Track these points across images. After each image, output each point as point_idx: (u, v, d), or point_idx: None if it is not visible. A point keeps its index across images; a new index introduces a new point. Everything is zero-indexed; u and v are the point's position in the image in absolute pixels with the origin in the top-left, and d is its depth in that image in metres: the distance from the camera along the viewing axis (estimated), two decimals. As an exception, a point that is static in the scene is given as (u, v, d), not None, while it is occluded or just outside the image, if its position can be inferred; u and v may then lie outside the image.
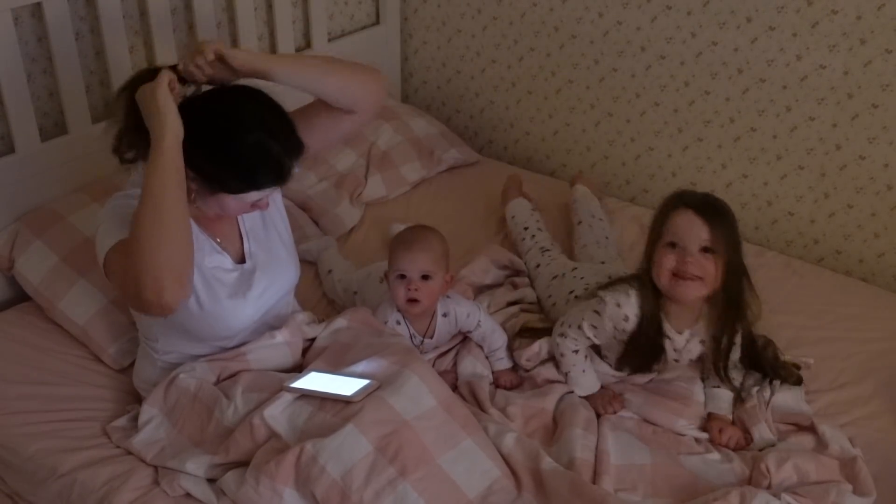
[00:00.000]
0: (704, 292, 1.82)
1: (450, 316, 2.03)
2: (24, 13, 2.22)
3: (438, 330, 2.04)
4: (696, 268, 1.78)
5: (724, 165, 2.74)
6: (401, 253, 1.96)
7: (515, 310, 2.23)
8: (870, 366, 2.14)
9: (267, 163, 1.67)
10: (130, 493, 1.73)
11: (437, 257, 1.97)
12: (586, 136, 2.99)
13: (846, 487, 1.76)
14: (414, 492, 1.62)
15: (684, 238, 1.79)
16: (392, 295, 1.98)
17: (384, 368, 1.79)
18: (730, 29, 2.55)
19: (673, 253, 1.81)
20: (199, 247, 1.77)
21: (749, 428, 1.93)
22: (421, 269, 1.94)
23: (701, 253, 1.79)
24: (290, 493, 1.63)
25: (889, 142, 2.44)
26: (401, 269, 1.95)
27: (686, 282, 1.80)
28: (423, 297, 1.95)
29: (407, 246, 1.96)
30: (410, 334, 2.02)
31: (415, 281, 1.94)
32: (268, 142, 1.66)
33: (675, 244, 1.81)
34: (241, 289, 1.84)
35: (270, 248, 1.91)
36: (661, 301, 1.87)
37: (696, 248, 1.79)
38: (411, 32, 3.24)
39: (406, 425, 1.69)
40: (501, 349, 2.08)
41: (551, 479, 1.70)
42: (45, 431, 1.88)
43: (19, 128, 2.24)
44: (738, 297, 1.86)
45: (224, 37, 2.69)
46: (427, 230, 2.04)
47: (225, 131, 1.66)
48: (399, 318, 2.01)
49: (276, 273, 1.90)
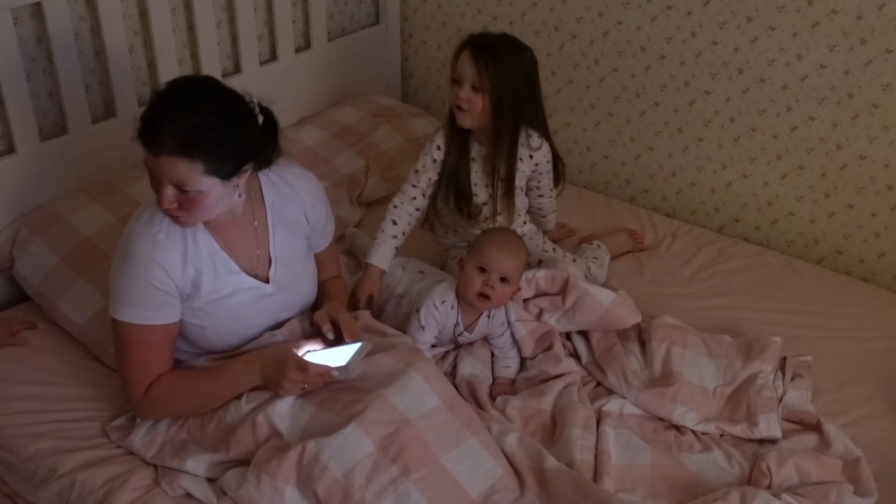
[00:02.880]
0: (469, 122, 2.18)
1: (491, 318, 2.08)
2: (23, 13, 2.22)
3: (478, 328, 2.08)
4: (464, 102, 2.15)
5: (724, 165, 2.74)
6: (491, 249, 1.99)
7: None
8: (870, 366, 2.14)
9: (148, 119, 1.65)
10: (130, 493, 1.73)
11: (521, 266, 2.02)
12: (586, 136, 2.99)
13: (847, 488, 1.76)
14: (416, 491, 1.62)
15: (460, 74, 2.16)
16: (464, 283, 2.01)
17: (388, 366, 1.79)
18: (730, 29, 2.55)
19: (454, 89, 2.18)
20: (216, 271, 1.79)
21: (757, 415, 1.93)
22: (504, 270, 1.98)
23: (472, 89, 2.14)
24: (292, 491, 1.63)
25: (889, 142, 2.44)
26: (485, 263, 1.98)
27: (459, 111, 2.17)
28: (495, 296, 1.99)
29: (499, 245, 2.00)
30: (456, 322, 2.04)
31: (493, 279, 1.98)
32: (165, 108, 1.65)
33: (456, 79, 2.18)
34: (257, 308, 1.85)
35: (294, 269, 1.92)
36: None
37: (468, 85, 2.14)
38: (411, 32, 3.24)
39: (408, 424, 1.69)
40: (512, 359, 2.11)
41: (555, 478, 1.70)
42: (44, 432, 1.88)
43: (19, 128, 2.24)
44: (509, 124, 2.18)
45: (224, 37, 2.69)
46: (518, 238, 2.08)
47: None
48: (454, 302, 2.04)
49: (297, 296, 1.93)
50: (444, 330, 2.06)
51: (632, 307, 2.12)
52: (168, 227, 1.72)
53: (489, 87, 2.12)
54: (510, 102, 2.15)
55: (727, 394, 2.02)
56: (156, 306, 1.73)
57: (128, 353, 1.76)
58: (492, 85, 2.12)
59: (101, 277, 2.13)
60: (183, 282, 1.74)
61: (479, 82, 2.12)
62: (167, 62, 2.50)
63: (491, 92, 2.13)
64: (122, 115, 2.43)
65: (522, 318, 2.10)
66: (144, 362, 1.76)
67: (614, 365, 2.04)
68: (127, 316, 1.73)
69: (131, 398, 1.80)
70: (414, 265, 2.25)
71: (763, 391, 1.98)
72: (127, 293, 1.72)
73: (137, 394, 1.77)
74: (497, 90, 2.13)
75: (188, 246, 1.74)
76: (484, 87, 2.12)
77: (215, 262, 1.78)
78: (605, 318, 2.09)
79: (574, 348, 2.14)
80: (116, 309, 1.74)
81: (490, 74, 2.11)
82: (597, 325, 2.11)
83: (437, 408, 1.74)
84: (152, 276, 1.70)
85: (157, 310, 1.73)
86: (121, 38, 2.38)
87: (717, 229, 2.80)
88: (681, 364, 2.03)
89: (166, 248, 1.71)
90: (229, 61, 2.73)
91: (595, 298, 2.08)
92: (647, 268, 2.53)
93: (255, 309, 1.85)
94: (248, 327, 1.86)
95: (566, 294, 2.10)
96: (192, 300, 1.77)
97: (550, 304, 2.12)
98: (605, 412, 1.96)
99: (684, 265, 2.54)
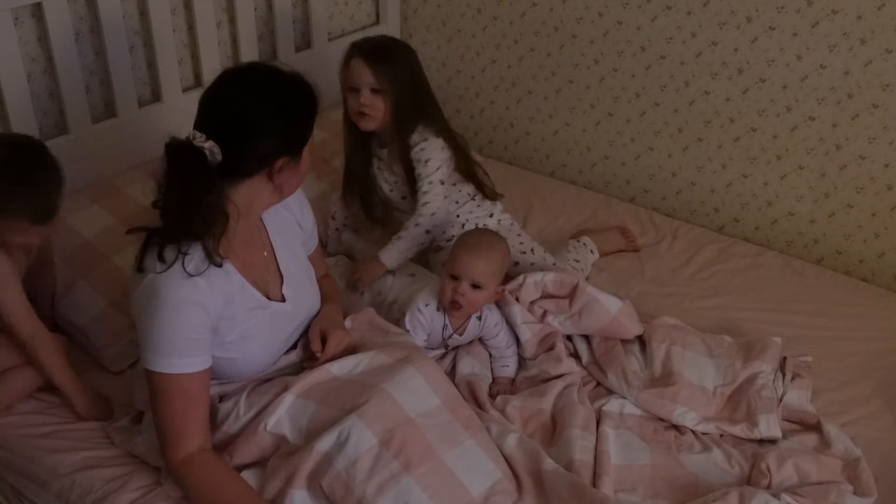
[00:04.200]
0: (373, 125, 2.25)
1: (482, 320, 2.06)
2: (23, 13, 2.22)
3: (469, 329, 2.06)
4: (366, 108, 2.22)
5: (724, 165, 2.74)
6: (461, 255, 1.96)
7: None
8: (870, 366, 2.14)
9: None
10: (131, 493, 1.73)
11: (495, 269, 1.99)
12: (586, 136, 2.99)
13: (846, 488, 1.76)
14: (418, 487, 1.61)
15: (357, 82, 2.22)
16: (439, 290, 2.00)
17: (389, 364, 1.78)
18: (730, 29, 2.55)
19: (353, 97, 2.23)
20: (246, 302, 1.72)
21: (757, 415, 1.93)
22: (474, 277, 1.95)
23: (371, 92, 2.20)
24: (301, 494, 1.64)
25: (889, 142, 2.44)
26: (455, 270, 1.96)
27: (362, 117, 2.24)
28: (466, 303, 1.97)
29: (468, 249, 1.97)
30: (444, 325, 2.03)
31: (463, 286, 1.95)
32: None
33: (353, 88, 2.23)
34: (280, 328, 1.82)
35: (301, 281, 1.90)
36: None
37: (367, 90, 2.21)
38: (411, 32, 3.24)
39: (410, 422, 1.68)
40: (510, 358, 2.10)
41: (552, 480, 1.70)
42: (45, 432, 1.88)
43: (19, 128, 2.23)
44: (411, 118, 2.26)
45: (224, 37, 2.69)
46: (494, 239, 2.03)
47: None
48: (440, 305, 2.03)
49: (308, 308, 1.90)
50: (433, 333, 2.04)
51: (635, 318, 2.13)
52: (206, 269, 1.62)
53: (388, 87, 2.20)
54: (409, 99, 2.23)
55: (727, 394, 2.02)
56: (193, 352, 1.63)
57: (162, 404, 1.64)
58: (391, 85, 2.20)
59: (101, 279, 2.13)
60: (219, 320, 1.67)
61: (377, 85, 2.20)
62: (167, 62, 2.50)
63: (391, 92, 2.21)
64: (122, 115, 2.43)
65: (528, 321, 2.10)
66: (181, 413, 1.64)
67: (614, 365, 2.04)
68: (165, 366, 1.61)
69: (168, 459, 1.66)
70: (405, 268, 2.26)
71: (763, 391, 1.98)
72: (165, 342, 1.60)
73: (174, 458, 1.65)
74: (395, 89, 2.21)
75: (223, 282, 1.67)
76: (384, 89, 2.20)
77: (244, 294, 1.73)
78: (611, 325, 2.08)
79: (574, 348, 2.14)
80: (153, 360, 1.61)
81: (387, 75, 2.20)
82: (600, 332, 2.11)
83: (438, 408, 1.74)
84: (193, 318, 1.61)
85: (195, 356, 1.64)
86: (121, 38, 2.38)
87: (717, 229, 2.80)
88: (681, 364, 2.03)
89: (206, 289, 1.62)
90: (229, 61, 2.73)
91: (603, 306, 2.07)
92: (647, 268, 2.53)
93: (279, 330, 1.82)
94: (275, 352, 1.83)
95: (574, 299, 2.09)
96: (224, 335, 1.70)
97: (556, 306, 2.11)
98: (605, 412, 1.96)
99: (684, 265, 2.54)
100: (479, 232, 2.10)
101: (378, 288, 2.21)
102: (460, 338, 2.07)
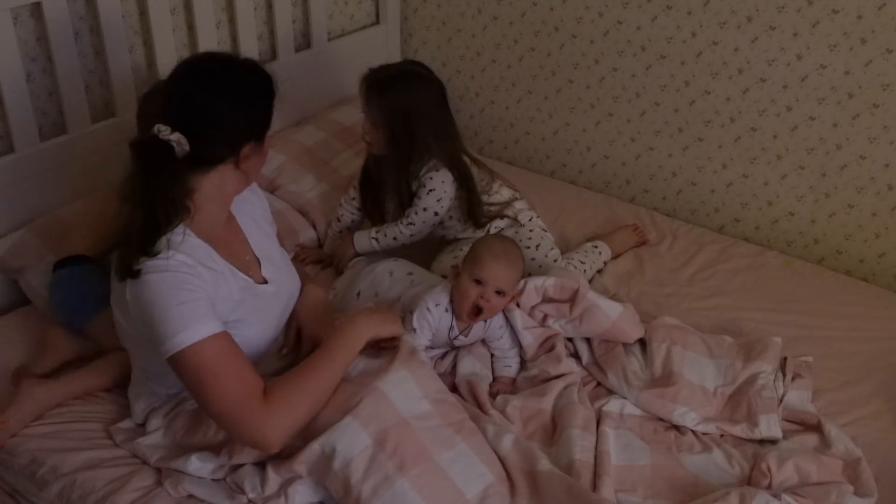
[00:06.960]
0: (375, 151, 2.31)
1: (487, 323, 2.06)
2: (23, 13, 2.22)
3: (474, 331, 2.06)
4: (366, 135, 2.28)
5: (724, 165, 2.74)
6: (489, 261, 1.95)
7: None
8: (870, 366, 2.14)
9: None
10: (131, 493, 1.72)
11: (517, 277, 2.01)
12: (586, 136, 2.99)
13: (847, 488, 1.76)
14: (413, 489, 1.62)
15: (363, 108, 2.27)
16: (460, 294, 1.98)
17: (383, 365, 1.78)
18: (730, 28, 2.55)
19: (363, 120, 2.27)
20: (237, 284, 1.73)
21: (757, 415, 1.93)
22: (501, 284, 1.96)
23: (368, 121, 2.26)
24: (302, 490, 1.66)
25: (890, 141, 2.44)
26: (482, 276, 1.95)
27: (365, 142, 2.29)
28: (488, 308, 1.97)
29: (496, 256, 1.96)
30: (450, 325, 2.03)
31: (489, 292, 1.95)
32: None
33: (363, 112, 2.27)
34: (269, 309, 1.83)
35: (276, 262, 1.90)
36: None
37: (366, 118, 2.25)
38: (411, 32, 3.24)
39: (404, 423, 1.69)
40: (512, 359, 2.11)
41: (547, 481, 1.70)
42: (45, 432, 1.88)
43: (19, 128, 2.24)
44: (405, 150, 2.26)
45: (224, 37, 2.69)
46: (516, 246, 2.04)
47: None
48: (448, 306, 2.02)
49: (290, 287, 1.91)
50: (439, 333, 2.04)
51: (636, 322, 2.13)
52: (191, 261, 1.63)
53: (378, 118, 2.22)
54: (403, 131, 2.22)
55: (727, 394, 2.02)
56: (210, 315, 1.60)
57: (212, 379, 1.56)
58: (380, 117, 2.21)
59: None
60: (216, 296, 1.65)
61: (371, 116, 2.22)
62: (167, 62, 2.50)
63: (380, 124, 2.22)
64: (121, 115, 2.43)
65: (528, 326, 2.09)
66: (233, 373, 1.58)
67: (615, 365, 2.04)
68: (191, 337, 1.55)
69: (249, 420, 1.57)
70: (402, 268, 2.24)
71: (763, 391, 1.98)
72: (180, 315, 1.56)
73: (255, 411, 1.57)
74: (386, 121, 2.21)
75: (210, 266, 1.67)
76: (373, 120, 2.23)
77: (233, 278, 1.73)
78: (611, 331, 2.08)
79: (575, 349, 2.14)
80: (176, 340, 1.55)
81: (377, 108, 2.21)
82: (600, 336, 2.11)
83: (428, 412, 1.74)
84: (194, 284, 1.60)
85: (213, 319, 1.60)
86: (121, 38, 2.38)
87: (717, 229, 2.80)
88: (681, 364, 2.03)
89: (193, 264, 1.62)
90: (229, 61, 2.73)
91: (604, 311, 2.06)
92: (648, 268, 2.53)
93: (268, 313, 1.82)
94: (270, 335, 1.83)
95: (574, 303, 2.09)
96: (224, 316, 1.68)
97: (556, 310, 2.11)
98: (605, 412, 1.96)
99: (684, 265, 2.54)
100: (500, 238, 2.10)
101: (376, 289, 2.21)
102: (465, 339, 2.07)
